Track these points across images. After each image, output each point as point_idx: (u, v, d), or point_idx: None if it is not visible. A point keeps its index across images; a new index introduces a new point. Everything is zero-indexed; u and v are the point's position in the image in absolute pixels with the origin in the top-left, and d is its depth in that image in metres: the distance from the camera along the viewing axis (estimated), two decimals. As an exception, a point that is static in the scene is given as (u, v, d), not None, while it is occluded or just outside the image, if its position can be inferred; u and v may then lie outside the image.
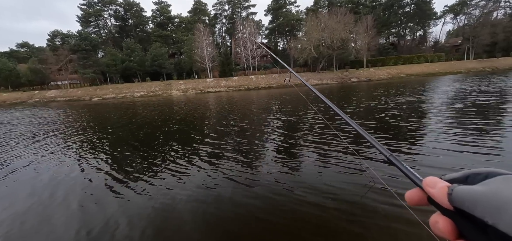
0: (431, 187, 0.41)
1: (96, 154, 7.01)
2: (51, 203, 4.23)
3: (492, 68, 41.01)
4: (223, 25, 73.62)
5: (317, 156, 5.64)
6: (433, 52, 56.74)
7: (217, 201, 3.94)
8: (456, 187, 0.36)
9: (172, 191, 4.35)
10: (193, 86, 41.56)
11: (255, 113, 13.09)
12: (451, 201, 0.36)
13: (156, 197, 4.16)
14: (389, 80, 35.73)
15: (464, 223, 0.35)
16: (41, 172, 5.75)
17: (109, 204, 4.04)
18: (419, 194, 0.44)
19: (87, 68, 46.79)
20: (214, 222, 3.40)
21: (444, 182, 0.39)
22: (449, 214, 0.38)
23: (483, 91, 13.90)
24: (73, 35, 50.75)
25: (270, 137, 7.79)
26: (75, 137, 9.63)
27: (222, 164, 5.53)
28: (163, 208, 3.83)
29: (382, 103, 12.84)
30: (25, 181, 5.27)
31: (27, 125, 13.82)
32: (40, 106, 29.18)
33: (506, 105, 9.65)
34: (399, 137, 6.67)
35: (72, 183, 5.04)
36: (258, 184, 4.42)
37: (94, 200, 4.23)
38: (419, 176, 0.46)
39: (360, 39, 48.05)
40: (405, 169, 0.51)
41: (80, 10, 60.00)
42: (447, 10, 62.75)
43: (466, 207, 0.34)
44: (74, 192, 4.61)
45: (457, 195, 0.35)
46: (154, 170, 5.46)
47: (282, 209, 3.57)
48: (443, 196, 0.37)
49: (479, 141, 5.67)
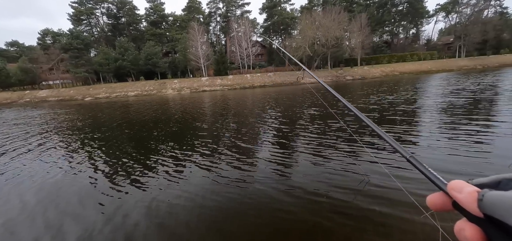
0: (458, 191, 0.38)
1: (89, 155, 6.90)
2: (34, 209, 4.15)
3: (483, 66, 41.73)
4: (217, 24, 73.10)
5: (313, 155, 5.66)
6: (426, 50, 57.55)
7: (212, 200, 3.92)
8: (488, 193, 0.33)
9: (167, 192, 4.31)
10: (188, 85, 41.25)
11: (250, 112, 13.07)
12: (481, 207, 0.34)
13: (152, 197, 4.11)
14: (383, 78, 36.08)
15: (495, 231, 0.33)
16: (33, 174, 5.63)
17: (106, 206, 3.98)
18: (443, 198, 0.42)
19: (79, 67, 45.89)
20: (209, 222, 3.38)
21: (472, 187, 0.37)
22: (478, 221, 0.35)
23: (473, 90, 14.16)
24: (64, 33, 49.82)
25: (266, 136, 7.79)
26: (67, 137, 9.45)
27: (217, 164, 5.50)
28: (159, 209, 3.79)
29: (376, 100, 12.97)
30: (17, 183, 5.15)
31: (20, 125, 13.52)
32: (31, 107, 28.58)
33: (498, 103, 9.85)
34: (397, 135, 6.75)
35: (66, 184, 4.95)
36: (253, 184, 4.41)
37: (90, 202, 4.16)
38: (443, 179, 0.44)
39: (354, 38, 48.32)
40: (427, 171, 0.48)
41: (72, 8, 58.82)
42: (439, 9, 63.75)
43: (499, 215, 0.31)
44: (68, 193, 4.53)
45: (489, 201, 0.33)
46: (149, 170, 5.40)
47: (277, 208, 3.57)
48: (472, 201, 0.35)
49: (472, 139, 5.77)
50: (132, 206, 3.90)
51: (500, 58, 46.18)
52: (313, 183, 4.24)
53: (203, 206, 3.77)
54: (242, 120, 10.77)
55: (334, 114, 9.28)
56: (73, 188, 4.76)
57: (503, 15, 55.07)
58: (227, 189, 4.27)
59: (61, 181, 5.14)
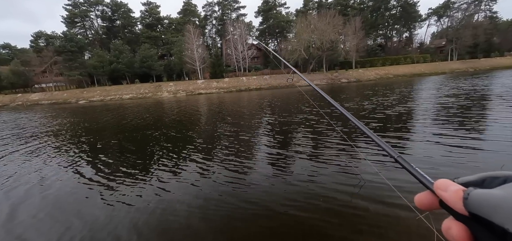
0: (444, 190, 0.39)
1: (84, 159, 6.80)
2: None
3: (475, 69, 42.65)
4: (213, 27, 73.13)
5: (309, 157, 5.68)
6: (418, 53, 58.44)
7: (209, 204, 3.90)
8: (473, 191, 0.34)
9: (164, 196, 4.28)
10: (184, 88, 41.09)
11: (246, 114, 13.07)
12: (466, 206, 0.34)
13: (147, 202, 4.07)
14: (377, 81, 36.52)
15: (481, 229, 0.33)
16: (28, 180, 5.52)
17: (103, 208, 3.93)
18: (430, 197, 0.42)
19: (73, 70, 45.30)
20: (205, 225, 3.36)
21: (458, 185, 0.38)
22: (464, 219, 0.36)
23: (465, 92, 14.42)
24: (58, 36, 49.21)
25: (262, 138, 7.79)
26: (60, 142, 9.31)
27: (213, 167, 5.48)
28: (155, 211, 3.75)
29: (373, 102, 13.11)
30: (13, 189, 5.04)
31: (12, 128, 13.27)
32: (23, 110, 28.07)
33: (490, 105, 10.05)
34: (392, 134, 6.82)
35: (61, 189, 4.86)
36: (250, 187, 4.40)
37: (86, 206, 4.10)
38: (430, 178, 0.44)
39: (349, 41, 48.99)
40: (414, 171, 0.48)
41: (65, 10, 58.19)
42: (431, 13, 65.03)
43: (484, 213, 0.31)
44: (64, 198, 4.46)
45: (474, 200, 0.33)
46: (144, 174, 5.35)
47: (273, 211, 3.56)
48: (458, 200, 0.35)
49: (466, 139, 5.87)
50: (123, 212, 3.86)
51: (491, 61, 47.29)
52: (308, 185, 4.25)
53: (199, 212, 3.75)
54: (237, 123, 10.76)
55: (323, 114, 9.35)
56: (65, 195, 4.69)
57: (493, 19, 56.48)
58: (222, 194, 4.25)
59: (45, 188, 5.05)
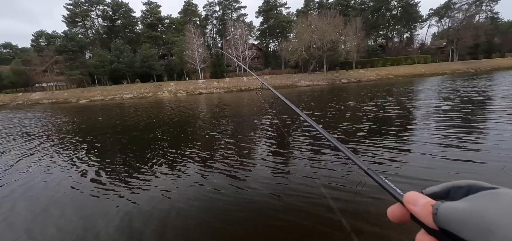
0: (413, 204, 0.38)
1: (84, 159, 6.81)
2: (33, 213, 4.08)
3: (475, 70, 42.57)
4: (214, 27, 73.27)
5: (308, 158, 5.67)
6: (419, 54, 58.45)
7: (208, 205, 3.90)
8: (441, 206, 0.34)
9: (163, 197, 4.28)
10: (184, 87, 41.12)
11: (246, 114, 13.07)
12: (436, 221, 0.34)
13: (147, 202, 4.08)
14: (378, 81, 36.48)
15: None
16: (29, 180, 5.53)
17: (103, 208, 3.93)
18: (401, 210, 0.42)
19: (74, 69, 45.39)
20: (204, 227, 3.36)
21: (426, 199, 0.37)
22: (435, 234, 0.36)
23: (466, 93, 14.40)
24: (59, 35, 49.33)
25: (262, 138, 7.78)
26: (60, 142, 9.32)
27: (210, 170, 5.47)
28: (153, 212, 3.75)
29: (373, 103, 13.10)
30: (13, 189, 5.06)
31: (10, 129, 13.29)
32: (24, 109, 28.12)
33: (491, 106, 10.04)
34: (389, 133, 6.82)
35: (60, 189, 4.87)
36: (249, 188, 4.39)
37: (87, 206, 4.10)
38: (400, 191, 0.43)
39: (350, 41, 48.95)
40: (384, 183, 0.48)
41: (66, 10, 58.33)
42: (432, 13, 64.99)
43: (453, 229, 0.31)
44: (63, 199, 4.46)
45: (442, 215, 0.33)
46: (144, 174, 5.35)
47: (274, 213, 3.56)
48: (427, 215, 0.35)
49: (464, 143, 5.86)
50: (122, 212, 3.86)
51: (492, 62, 47.23)
52: (309, 186, 4.24)
53: (198, 214, 3.75)
54: (238, 123, 10.76)
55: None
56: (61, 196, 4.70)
57: (494, 20, 56.51)
58: (222, 194, 4.24)
59: (46, 188, 5.06)
